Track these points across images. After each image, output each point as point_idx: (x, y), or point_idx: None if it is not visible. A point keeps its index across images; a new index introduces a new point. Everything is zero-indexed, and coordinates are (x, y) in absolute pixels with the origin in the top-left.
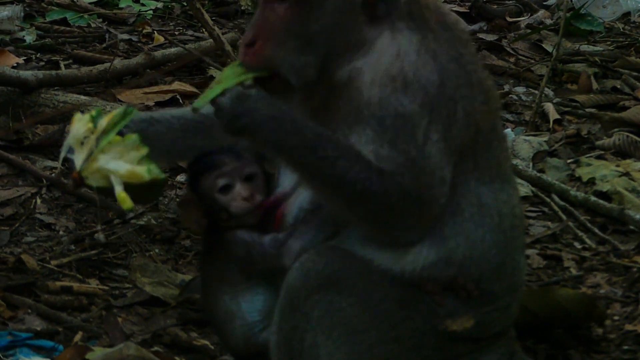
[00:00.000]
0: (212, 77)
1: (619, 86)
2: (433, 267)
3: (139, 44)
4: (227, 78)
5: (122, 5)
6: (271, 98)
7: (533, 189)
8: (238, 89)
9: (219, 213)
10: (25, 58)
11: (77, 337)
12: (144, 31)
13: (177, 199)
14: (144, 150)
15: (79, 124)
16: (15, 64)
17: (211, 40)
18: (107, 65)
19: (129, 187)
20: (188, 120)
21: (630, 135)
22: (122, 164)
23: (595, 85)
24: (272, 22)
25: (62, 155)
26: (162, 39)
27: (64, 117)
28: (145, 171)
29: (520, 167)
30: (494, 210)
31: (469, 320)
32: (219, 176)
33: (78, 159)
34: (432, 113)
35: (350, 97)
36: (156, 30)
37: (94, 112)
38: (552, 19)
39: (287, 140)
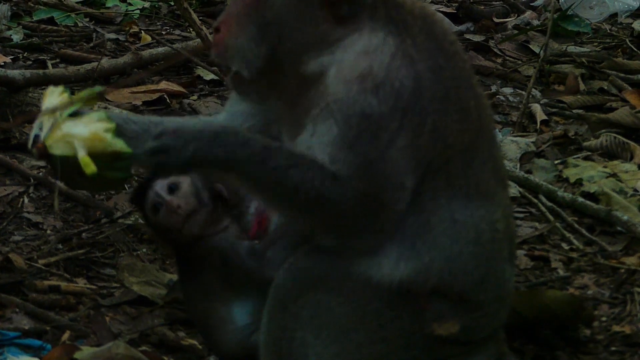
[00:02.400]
0: (199, 77)
1: (606, 87)
2: (411, 280)
3: (126, 44)
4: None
5: (109, 4)
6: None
7: (520, 189)
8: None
9: (171, 233)
10: (12, 57)
11: (65, 336)
12: (131, 31)
13: None
14: (112, 125)
15: (52, 97)
16: (2, 63)
17: (199, 39)
18: (94, 64)
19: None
20: None
21: (618, 136)
22: (86, 129)
23: (582, 87)
24: (236, 9)
25: (33, 132)
26: (149, 39)
27: None
28: (109, 137)
29: (507, 168)
30: (469, 226)
31: (454, 325)
32: (148, 200)
33: (45, 130)
34: (403, 119)
35: (319, 93)
36: (143, 29)
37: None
38: (539, 20)
39: (235, 155)
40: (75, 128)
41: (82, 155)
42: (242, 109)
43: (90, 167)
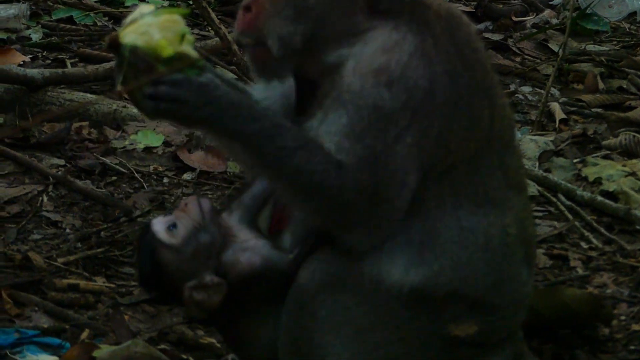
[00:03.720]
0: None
1: (625, 86)
2: (422, 287)
3: None
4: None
5: (128, 3)
6: (223, 83)
7: (539, 188)
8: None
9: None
10: (31, 56)
11: (84, 334)
12: None
13: (184, 198)
14: (190, 37)
15: (143, 8)
16: (21, 62)
17: (217, 38)
18: (113, 63)
19: (162, 64)
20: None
21: (637, 135)
22: (160, 17)
23: (601, 85)
24: None
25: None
26: None
27: (70, 115)
28: (183, 24)
29: (526, 166)
30: (478, 232)
31: (472, 326)
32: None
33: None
34: (413, 117)
35: (334, 82)
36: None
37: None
38: (557, 19)
39: (245, 127)
40: (149, 18)
41: (158, 38)
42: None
43: (166, 50)
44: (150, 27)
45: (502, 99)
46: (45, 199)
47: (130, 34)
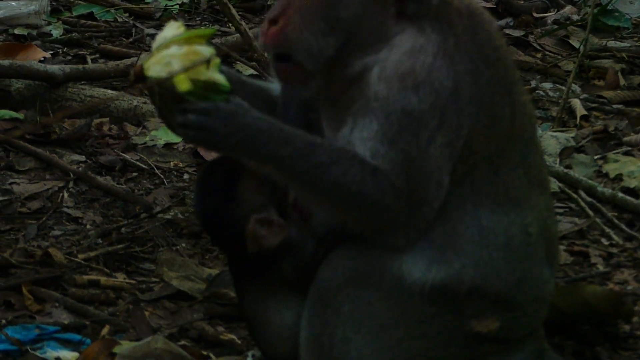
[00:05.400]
0: (238, 72)
1: None
2: (443, 285)
3: None
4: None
5: (148, 0)
6: (252, 109)
7: (560, 185)
8: (206, 102)
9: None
10: (52, 52)
11: (105, 330)
12: None
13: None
14: (216, 60)
15: (169, 30)
16: (42, 58)
17: (238, 35)
18: (133, 59)
19: (188, 94)
20: (271, 95)
21: None
22: (183, 48)
23: (622, 82)
24: (299, 2)
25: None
26: None
27: (91, 112)
28: (206, 51)
29: (547, 163)
30: (499, 231)
31: (494, 322)
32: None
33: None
34: (442, 117)
35: (361, 90)
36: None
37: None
38: (578, 15)
39: (278, 151)
40: (173, 49)
41: (178, 71)
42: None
43: (184, 84)
44: (173, 59)
45: (523, 96)
46: (65, 195)
47: (155, 66)
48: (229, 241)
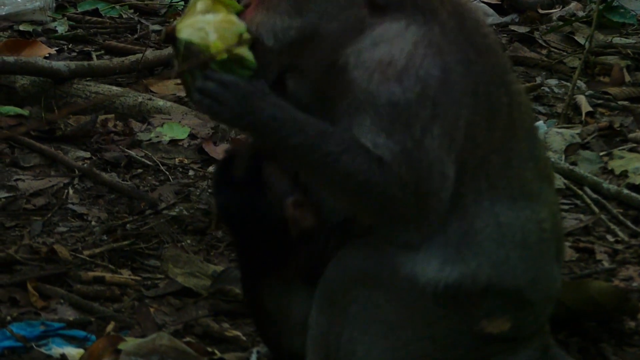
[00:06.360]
0: None
1: None
2: (457, 284)
3: None
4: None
5: None
6: (271, 93)
7: (565, 181)
8: (229, 76)
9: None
10: (57, 49)
11: (110, 327)
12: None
13: (209, 191)
14: (248, 35)
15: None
16: (47, 55)
17: None
18: (138, 56)
19: (214, 63)
20: None
21: None
22: (218, 15)
23: (627, 78)
24: None
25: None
26: None
27: (96, 108)
28: (240, 24)
29: (552, 159)
30: (515, 228)
31: (505, 322)
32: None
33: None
34: (435, 108)
35: (347, 84)
36: None
37: None
38: (584, 11)
39: (290, 140)
40: (209, 16)
41: (214, 39)
42: None
43: (220, 53)
44: (207, 25)
45: (517, 85)
46: (70, 191)
47: (187, 29)
48: (257, 233)
